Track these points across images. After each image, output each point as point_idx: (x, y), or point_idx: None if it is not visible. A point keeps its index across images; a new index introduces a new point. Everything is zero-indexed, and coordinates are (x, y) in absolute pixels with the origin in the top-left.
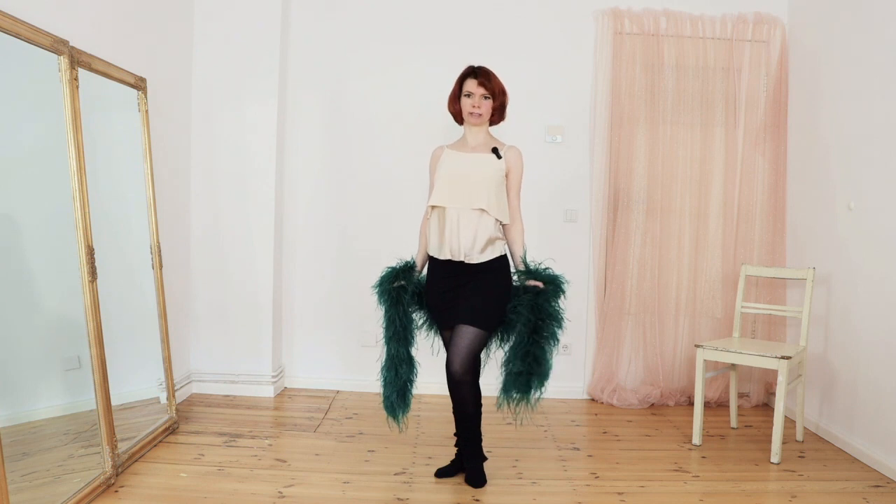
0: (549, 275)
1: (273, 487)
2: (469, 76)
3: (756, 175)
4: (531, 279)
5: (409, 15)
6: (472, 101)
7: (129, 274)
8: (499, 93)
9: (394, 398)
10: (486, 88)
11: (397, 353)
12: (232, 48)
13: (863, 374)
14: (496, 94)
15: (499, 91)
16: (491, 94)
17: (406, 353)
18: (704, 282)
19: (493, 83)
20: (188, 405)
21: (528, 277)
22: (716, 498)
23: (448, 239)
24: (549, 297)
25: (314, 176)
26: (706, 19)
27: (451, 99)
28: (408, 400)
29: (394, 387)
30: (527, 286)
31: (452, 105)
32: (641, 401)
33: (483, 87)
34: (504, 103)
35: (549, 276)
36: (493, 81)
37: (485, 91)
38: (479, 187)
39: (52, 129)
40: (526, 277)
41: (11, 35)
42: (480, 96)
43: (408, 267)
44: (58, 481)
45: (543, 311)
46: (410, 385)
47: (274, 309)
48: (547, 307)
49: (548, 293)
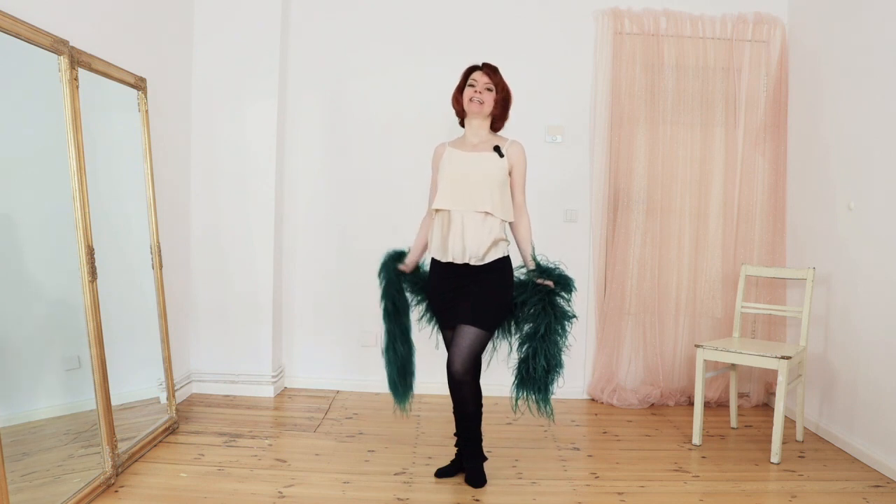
0: (560, 274)
1: (273, 487)
2: (475, 69)
3: (756, 175)
4: (542, 277)
5: (410, 15)
6: (475, 89)
7: (129, 274)
8: (503, 87)
9: (395, 376)
10: (491, 79)
11: (391, 329)
12: (232, 48)
13: (863, 374)
14: (500, 87)
15: (503, 86)
16: (495, 85)
17: (400, 330)
18: (704, 282)
19: (498, 76)
20: (188, 405)
21: (539, 275)
22: (716, 498)
23: (451, 242)
24: (559, 296)
25: (314, 176)
26: (706, 19)
27: (455, 93)
28: (409, 381)
29: (394, 364)
30: (537, 284)
31: (456, 100)
32: (641, 401)
33: (488, 76)
34: (507, 100)
35: (560, 275)
36: (499, 75)
37: (489, 81)
38: (483, 188)
39: (52, 129)
40: (537, 275)
41: (11, 35)
42: (483, 85)
43: (398, 254)
44: (58, 481)
45: (556, 308)
46: (410, 365)
47: (274, 309)
48: (558, 306)
49: (557, 292)
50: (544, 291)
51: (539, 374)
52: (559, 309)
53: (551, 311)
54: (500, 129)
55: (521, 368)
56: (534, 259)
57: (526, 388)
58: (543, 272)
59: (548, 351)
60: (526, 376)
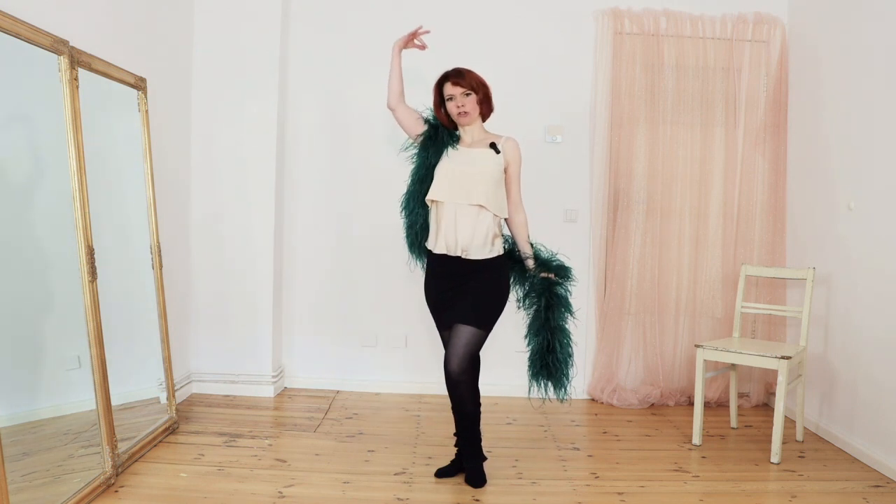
0: (558, 265)
1: (273, 487)
2: (444, 81)
3: (756, 175)
4: (542, 269)
5: (409, 15)
6: (455, 103)
7: (129, 274)
8: (478, 86)
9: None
10: (464, 86)
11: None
12: (232, 48)
13: (863, 374)
14: (476, 88)
15: (478, 84)
16: (470, 89)
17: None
18: (704, 282)
19: (468, 79)
20: (188, 405)
21: (539, 267)
22: (716, 498)
23: (444, 233)
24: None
25: (314, 176)
26: (706, 19)
27: (436, 110)
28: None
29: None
30: (539, 277)
31: (438, 113)
32: (641, 401)
33: (459, 85)
34: (487, 94)
35: (558, 266)
36: (469, 77)
37: (463, 89)
38: (478, 183)
39: (52, 129)
40: (538, 269)
41: (11, 35)
42: (461, 94)
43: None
44: (58, 481)
45: (560, 299)
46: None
47: (274, 309)
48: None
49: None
50: (546, 283)
51: (563, 363)
52: (563, 299)
53: (556, 302)
54: (487, 117)
55: (544, 360)
56: (533, 251)
57: (546, 378)
58: (542, 264)
59: (560, 340)
60: (553, 367)
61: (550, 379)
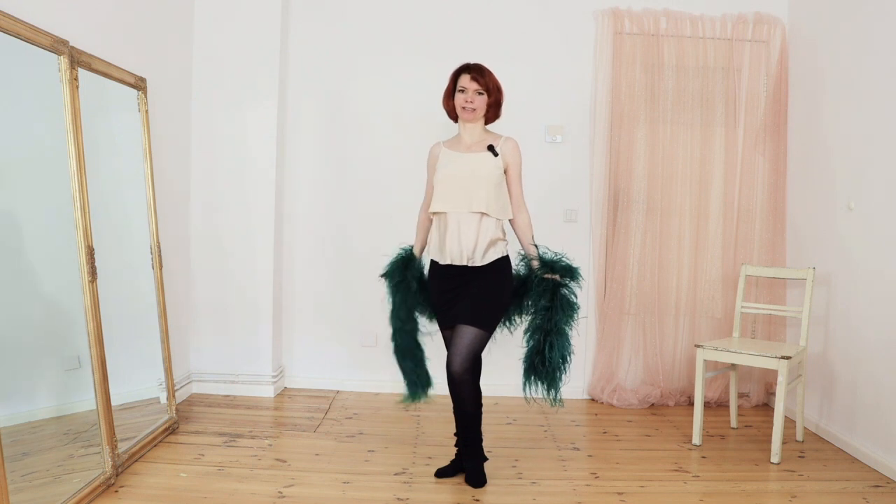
0: (565, 266)
1: (273, 487)
2: (463, 72)
3: (756, 175)
4: (547, 270)
5: (409, 15)
6: (465, 96)
7: (129, 274)
8: (494, 89)
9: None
10: (480, 84)
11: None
12: (232, 48)
13: (863, 374)
14: (491, 90)
15: (493, 87)
16: (485, 89)
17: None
18: (704, 282)
19: (487, 78)
20: (188, 405)
21: (544, 268)
22: (716, 498)
23: (449, 244)
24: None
25: (314, 175)
26: (706, 19)
27: (445, 95)
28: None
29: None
30: (543, 278)
31: (446, 102)
32: (641, 401)
33: (476, 82)
34: (499, 100)
35: (565, 266)
36: (488, 77)
37: (478, 86)
38: (478, 189)
39: (52, 129)
40: (543, 270)
41: (11, 35)
42: (474, 91)
43: (410, 255)
44: (58, 481)
45: (564, 300)
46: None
47: (274, 309)
48: (565, 297)
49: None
50: (551, 284)
51: (554, 366)
52: (566, 300)
53: (559, 304)
54: (492, 121)
55: (532, 360)
56: (539, 254)
57: (537, 378)
58: (547, 265)
59: (560, 344)
60: (540, 367)
61: (541, 381)
